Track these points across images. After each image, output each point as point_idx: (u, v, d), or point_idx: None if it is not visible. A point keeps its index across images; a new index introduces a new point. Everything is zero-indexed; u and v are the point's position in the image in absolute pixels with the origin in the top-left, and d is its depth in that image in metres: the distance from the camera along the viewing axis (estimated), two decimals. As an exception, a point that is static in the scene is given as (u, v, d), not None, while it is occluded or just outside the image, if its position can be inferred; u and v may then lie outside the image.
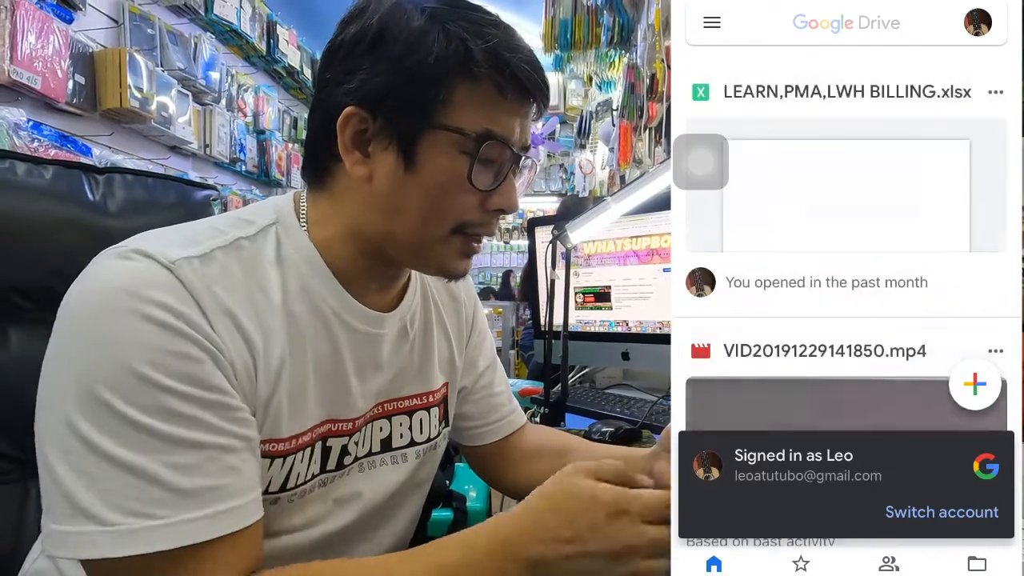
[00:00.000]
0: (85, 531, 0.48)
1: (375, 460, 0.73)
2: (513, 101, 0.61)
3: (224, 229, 0.61)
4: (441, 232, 0.63)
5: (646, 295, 1.50)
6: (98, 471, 0.49)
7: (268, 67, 4.82)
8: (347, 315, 0.66)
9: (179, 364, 0.52)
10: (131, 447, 0.49)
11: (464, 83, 0.59)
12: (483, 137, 0.59)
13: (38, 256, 0.84)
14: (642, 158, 3.23)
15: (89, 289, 0.54)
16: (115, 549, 0.48)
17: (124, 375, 0.50)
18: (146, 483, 0.49)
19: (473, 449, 0.91)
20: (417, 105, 0.59)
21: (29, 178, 0.84)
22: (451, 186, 0.61)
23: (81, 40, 2.87)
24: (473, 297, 0.90)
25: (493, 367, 0.92)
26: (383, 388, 0.72)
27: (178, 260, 0.55)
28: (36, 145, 2.47)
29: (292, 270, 0.63)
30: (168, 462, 0.50)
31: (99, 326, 0.51)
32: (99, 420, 0.49)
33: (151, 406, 0.50)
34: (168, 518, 0.49)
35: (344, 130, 0.61)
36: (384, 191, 0.62)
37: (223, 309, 0.56)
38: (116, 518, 0.48)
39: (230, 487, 0.53)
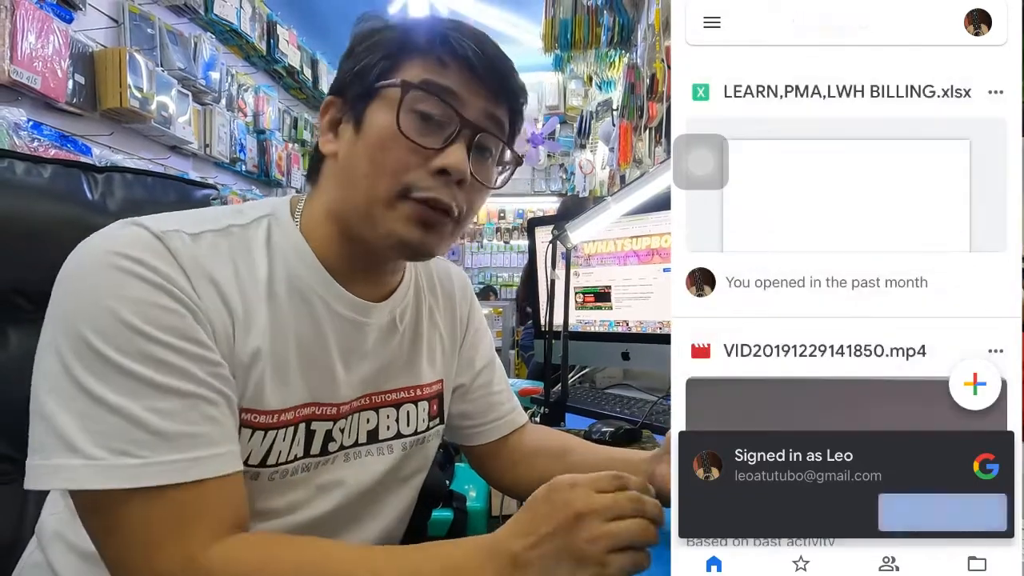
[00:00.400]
0: (72, 464, 0.52)
1: (360, 451, 0.74)
2: (455, 69, 0.64)
3: (220, 218, 0.65)
4: (385, 193, 0.63)
5: (646, 295, 1.50)
6: (88, 411, 0.52)
7: (268, 67, 4.82)
8: (332, 301, 0.68)
9: (163, 316, 0.55)
10: (118, 391, 0.53)
11: (407, 55, 0.64)
12: (411, 85, 0.63)
13: (37, 256, 0.83)
14: (642, 158, 3.23)
15: (85, 249, 0.58)
16: (98, 481, 0.51)
17: (112, 323, 0.54)
18: (131, 425, 0.52)
19: (473, 448, 0.91)
20: (366, 77, 0.65)
21: (28, 177, 0.84)
22: (387, 141, 0.63)
23: (81, 40, 2.87)
24: (469, 296, 0.91)
25: (491, 366, 0.91)
26: (369, 379, 0.73)
27: (169, 231, 0.59)
28: (36, 145, 2.48)
29: (279, 256, 0.66)
30: (151, 407, 0.53)
31: (90, 279, 0.56)
32: (90, 364, 0.53)
33: (136, 353, 0.54)
34: (148, 458, 0.52)
35: (323, 117, 0.69)
36: (343, 162, 0.66)
37: (206, 276, 0.60)
38: (101, 454, 0.52)
39: (209, 435, 0.56)
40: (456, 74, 0.64)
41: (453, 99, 0.64)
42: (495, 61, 0.66)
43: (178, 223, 0.61)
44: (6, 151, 0.84)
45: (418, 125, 0.63)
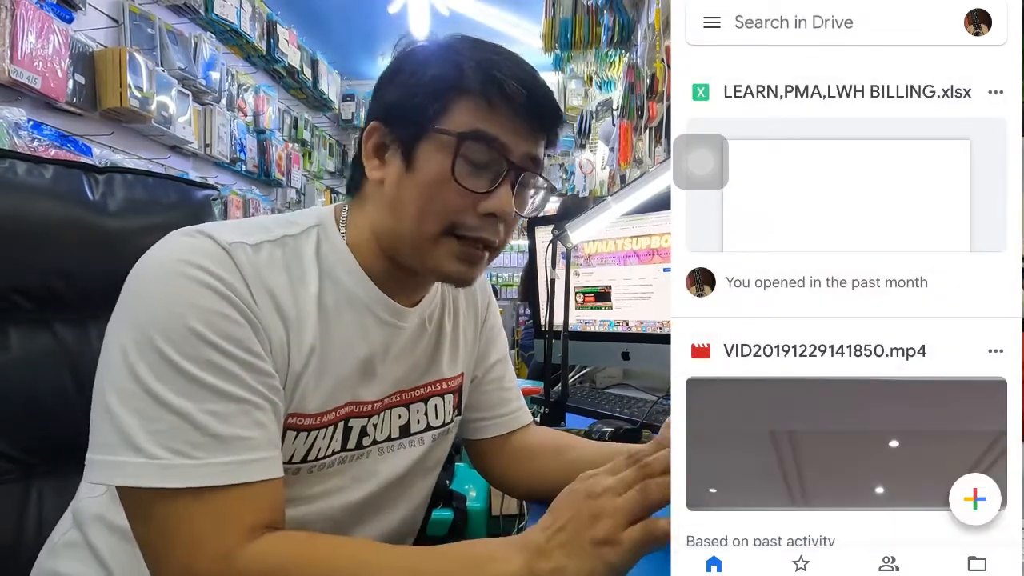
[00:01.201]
0: (133, 462, 0.55)
1: (394, 444, 0.78)
2: (503, 112, 0.66)
3: (272, 227, 0.69)
4: (433, 231, 0.67)
5: (646, 295, 1.50)
6: (151, 411, 0.55)
7: (268, 67, 4.82)
8: (374, 306, 0.72)
9: (225, 325, 0.59)
10: (179, 393, 0.56)
11: (458, 95, 0.66)
12: (466, 136, 0.65)
13: (38, 256, 0.84)
14: (642, 158, 3.22)
15: (157, 256, 0.62)
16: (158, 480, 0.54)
17: (179, 329, 0.57)
18: (189, 426, 0.56)
19: (476, 443, 0.92)
20: (418, 114, 0.67)
21: (29, 178, 0.84)
22: (439, 184, 0.66)
23: (81, 40, 2.87)
24: (488, 293, 0.95)
25: (504, 362, 0.95)
26: (401, 377, 0.77)
27: (234, 243, 0.63)
28: (36, 145, 2.48)
29: (328, 266, 0.70)
30: (209, 410, 0.56)
31: (160, 285, 0.59)
32: (155, 367, 0.56)
33: (199, 358, 0.57)
34: (203, 459, 0.55)
35: (367, 141, 0.71)
36: (391, 192, 0.69)
37: (266, 289, 0.63)
38: (160, 453, 0.55)
39: (257, 440, 0.59)
40: (505, 118, 0.67)
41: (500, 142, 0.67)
42: (541, 101, 0.68)
43: (239, 235, 0.64)
44: (8, 151, 0.84)
45: (468, 169, 0.66)
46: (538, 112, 0.68)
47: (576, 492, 0.54)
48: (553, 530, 0.53)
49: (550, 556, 0.52)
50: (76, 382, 0.85)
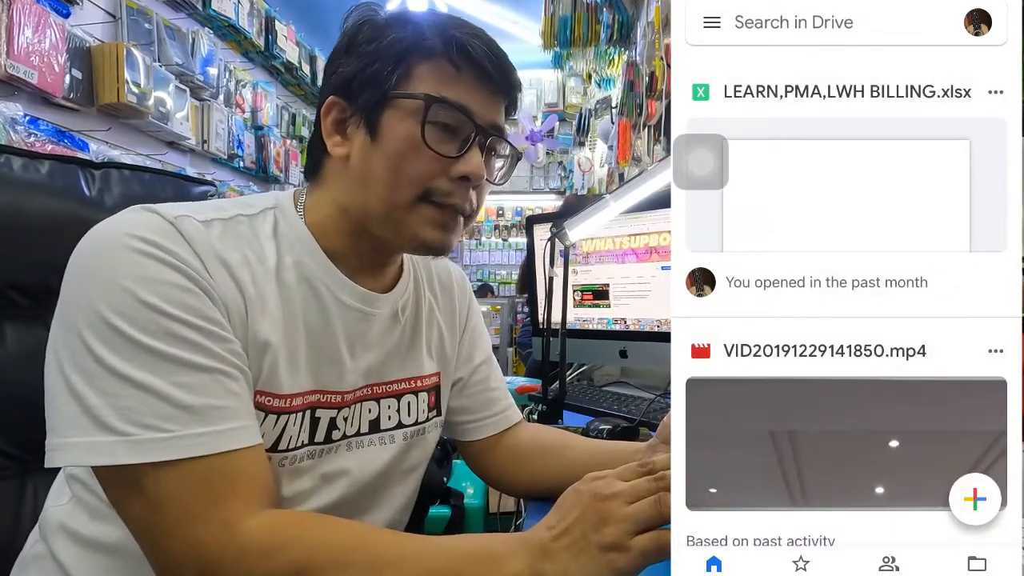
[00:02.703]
0: (103, 440, 0.53)
1: (363, 440, 0.75)
2: (468, 75, 0.66)
3: (226, 207, 0.67)
4: (406, 198, 0.66)
5: (644, 293, 1.50)
6: (116, 389, 0.54)
7: (266, 63, 4.81)
8: (339, 291, 0.70)
9: (179, 295, 0.57)
10: (143, 368, 0.54)
11: (419, 60, 0.66)
12: (432, 99, 0.64)
13: (34, 252, 0.83)
14: (641, 156, 3.22)
15: (99, 232, 0.60)
16: (132, 456, 0.53)
17: (131, 302, 0.55)
18: (157, 400, 0.54)
19: (469, 444, 0.91)
20: (378, 82, 0.66)
21: (25, 173, 0.84)
22: (408, 151, 0.65)
23: (78, 35, 2.86)
24: (468, 293, 0.92)
25: (489, 363, 0.93)
26: (373, 369, 0.75)
27: (180, 216, 0.61)
28: (33, 140, 2.47)
29: (286, 245, 0.68)
30: (176, 381, 0.55)
31: (107, 260, 0.57)
32: (113, 344, 0.54)
33: (157, 330, 0.55)
34: (177, 431, 0.54)
35: (327, 117, 0.69)
36: (357, 166, 0.67)
37: (218, 258, 0.61)
38: (131, 429, 0.53)
39: (232, 408, 0.58)
40: (469, 81, 0.66)
41: (468, 108, 0.66)
42: (503, 66, 0.68)
43: (188, 211, 0.62)
44: (3, 147, 0.83)
45: (437, 135, 0.65)
46: (501, 77, 0.68)
47: (582, 493, 0.54)
48: (559, 531, 0.52)
49: (555, 557, 0.51)
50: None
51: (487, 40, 0.68)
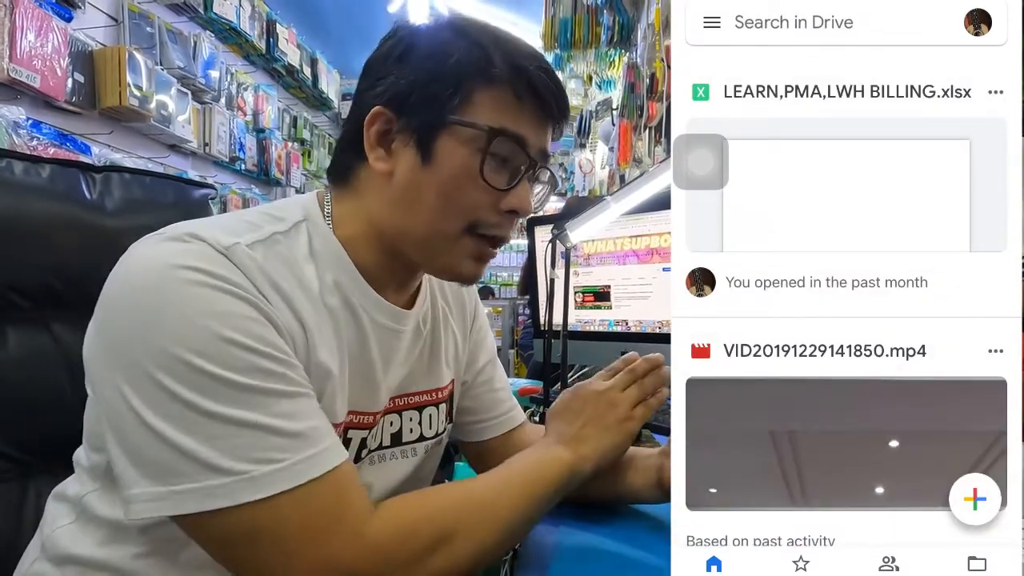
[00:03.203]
0: (220, 483, 0.51)
1: (385, 454, 0.75)
2: (529, 107, 0.64)
3: (258, 224, 0.64)
4: (453, 229, 0.65)
5: (645, 294, 1.50)
6: (217, 431, 0.52)
7: (267, 65, 4.82)
8: (373, 310, 0.69)
9: (255, 327, 0.56)
10: (239, 405, 0.53)
11: (482, 85, 0.63)
12: (495, 133, 0.62)
13: (36, 255, 0.83)
14: (642, 157, 3.22)
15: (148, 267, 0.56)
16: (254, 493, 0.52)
17: (210, 340, 0.53)
18: (265, 433, 0.53)
19: (473, 445, 0.91)
20: (437, 103, 0.63)
21: (27, 177, 0.84)
22: (463, 181, 0.63)
23: (80, 38, 2.86)
24: (474, 295, 0.92)
25: (493, 363, 0.93)
26: (397, 384, 0.74)
27: (231, 246, 0.58)
28: (35, 143, 2.47)
29: (324, 264, 0.66)
30: (275, 412, 0.54)
31: (174, 298, 0.54)
32: (198, 385, 0.52)
33: (243, 366, 0.54)
34: (291, 458, 0.54)
35: (371, 128, 0.65)
36: (402, 186, 0.65)
37: (273, 286, 0.59)
38: (247, 467, 0.52)
39: (325, 427, 0.58)
40: (529, 112, 0.64)
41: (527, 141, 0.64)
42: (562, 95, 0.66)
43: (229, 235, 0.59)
44: (5, 151, 0.84)
45: (494, 167, 0.63)
46: (559, 109, 0.66)
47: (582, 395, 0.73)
48: (580, 423, 0.71)
49: (587, 440, 0.70)
50: (73, 381, 0.84)
51: (550, 71, 0.65)
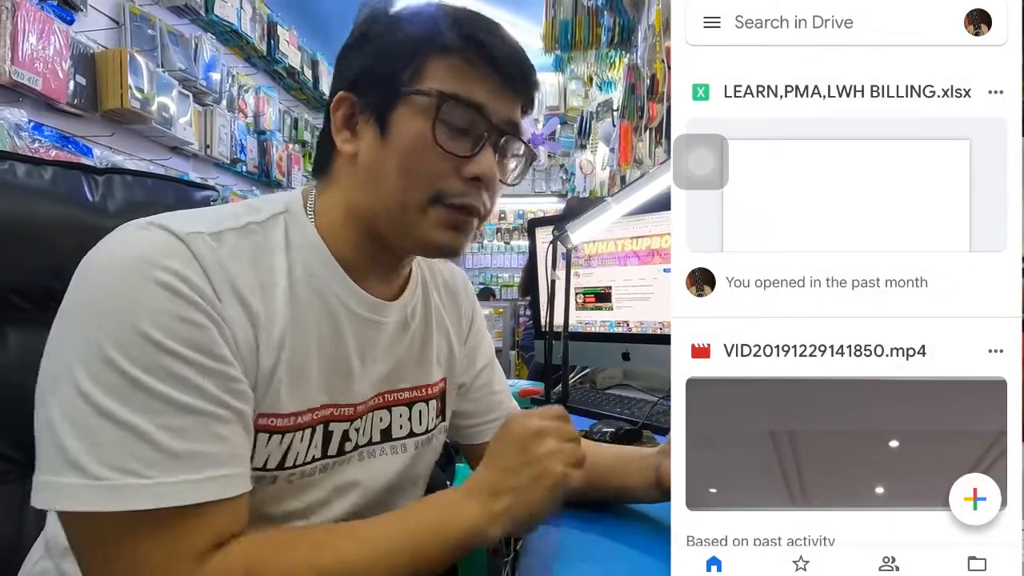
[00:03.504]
0: (69, 483, 0.49)
1: (375, 449, 0.74)
2: (485, 73, 0.64)
3: (237, 214, 0.64)
4: (417, 200, 0.64)
5: (646, 295, 1.50)
6: (93, 425, 0.50)
7: (269, 68, 4.82)
8: (350, 301, 0.68)
9: (185, 329, 0.54)
10: (128, 405, 0.51)
11: (434, 56, 0.63)
12: (445, 97, 0.62)
13: (37, 257, 0.84)
14: (643, 158, 3.23)
15: (107, 253, 0.56)
16: (94, 503, 0.49)
17: (130, 335, 0.51)
18: (138, 441, 0.50)
19: (473, 448, 0.91)
20: (391, 77, 0.64)
21: (29, 179, 0.84)
22: (421, 150, 0.63)
23: (82, 41, 2.87)
24: (471, 296, 0.91)
25: (492, 366, 0.92)
26: (383, 378, 0.73)
27: (192, 233, 0.58)
28: (37, 146, 2.48)
29: (298, 256, 0.66)
30: (161, 423, 0.51)
31: (111, 288, 0.53)
32: (101, 376, 0.51)
33: (153, 366, 0.52)
34: (155, 478, 0.50)
35: (336, 113, 0.66)
36: (366, 165, 0.65)
37: (230, 283, 0.58)
38: (103, 472, 0.49)
39: (217, 455, 0.54)
40: (485, 78, 0.64)
41: (484, 106, 0.64)
42: (520, 63, 0.66)
43: (199, 224, 0.59)
44: (7, 153, 0.84)
45: (449, 133, 0.63)
46: (518, 74, 0.65)
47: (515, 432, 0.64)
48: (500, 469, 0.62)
49: (504, 496, 0.61)
50: (76, 383, 0.85)
51: (505, 36, 0.65)
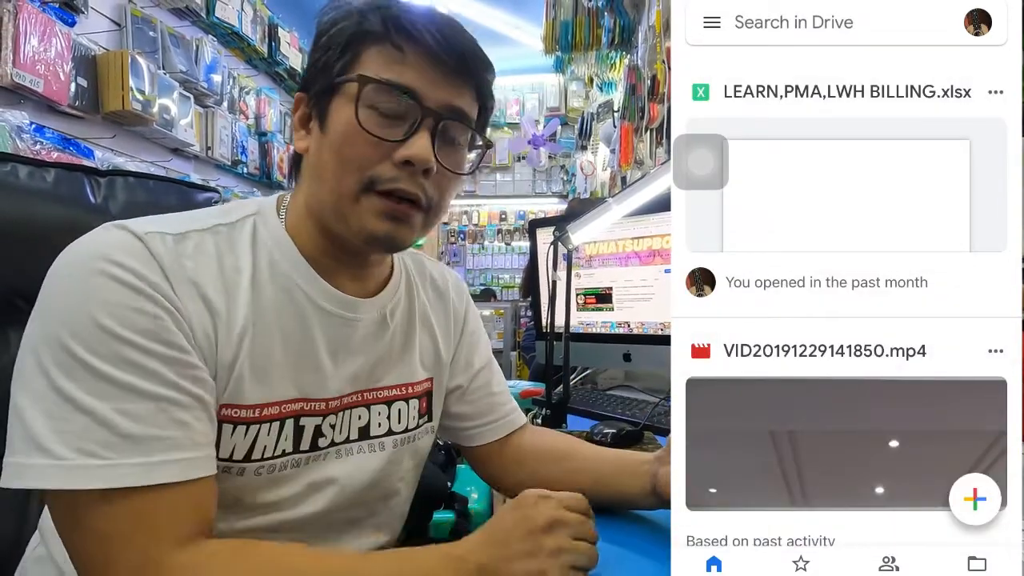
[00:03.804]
0: (38, 464, 0.52)
1: (352, 447, 0.74)
2: (416, 58, 0.63)
3: (205, 217, 0.66)
4: (350, 188, 0.64)
5: (647, 296, 1.50)
6: (57, 410, 0.53)
7: (270, 69, 4.83)
8: (318, 297, 0.68)
9: (138, 319, 0.56)
10: (89, 392, 0.53)
11: (365, 46, 0.64)
12: (365, 80, 0.62)
13: (39, 259, 0.83)
14: (643, 159, 3.23)
15: (70, 252, 0.59)
16: (63, 481, 0.52)
17: (88, 326, 0.54)
18: (98, 425, 0.53)
19: (473, 450, 0.90)
20: (326, 71, 0.65)
21: (31, 181, 0.84)
22: (350, 136, 0.63)
23: (83, 43, 2.87)
24: (464, 297, 0.91)
25: (489, 367, 0.91)
26: (360, 375, 0.73)
27: (151, 232, 0.60)
28: (38, 148, 2.48)
29: (264, 253, 0.67)
30: (120, 409, 0.54)
31: (70, 282, 0.57)
32: (64, 365, 0.53)
33: (110, 355, 0.54)
34: (112, 459, 0.52)
35: (295, 114, 0.69)
36: (312, 158, 0.67)
37: (187, 278, 0.60)
38: (67, 454, 0.52)
39: (176, 440, 0.56)
40: (415, 62, 0.63)
41: (412, 89, 0.63)
42: (455, 43, 0.64)
43: (163, 225, 0.61)
44: (9, 155, 0.84)
45: (379, 119, 0.63)
46: (453, 57, 0.64)
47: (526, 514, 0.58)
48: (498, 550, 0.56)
49: None
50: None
51: (435, 18, 0.65)
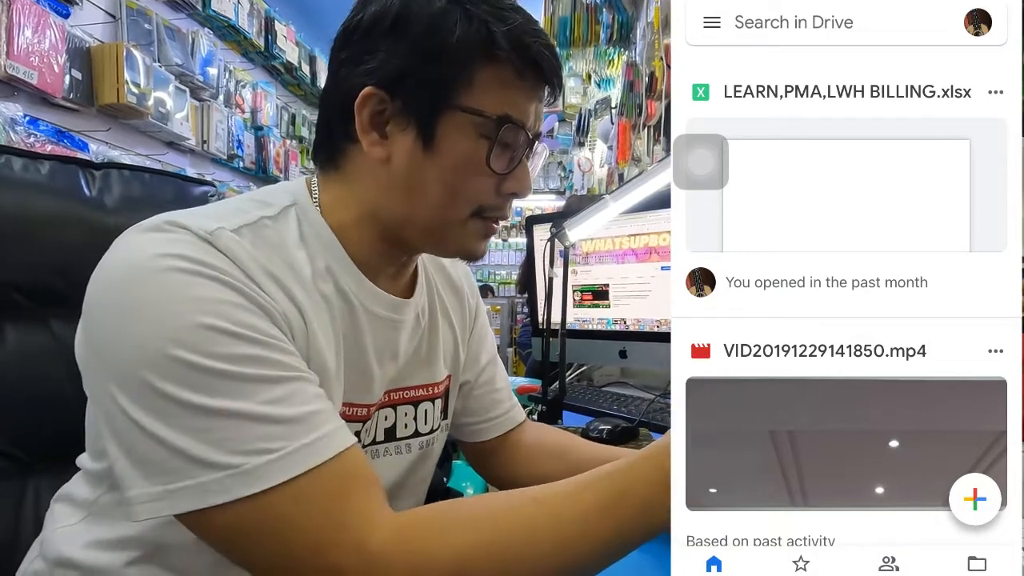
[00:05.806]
0: (212, 478, 0.48)
1: (378, 449, 0.73)
2: (531, 85, 0.62)
3: (245, 208, 0.61)
4: (460, 215, 0.64)
5: (644, 293, 1.50)
6: (203, 424, 0.49)
7: (266, 63, 4.81)
8: (368, 300, 0.67)
9: (236, 312, 0.52)
10: (224, 395, 0.49)
11: (485, 65, 0.60)
12: (503, 121, 0.60)
13: (35, 252, 0.83)
14: (641, 156, 3.22)
15: (127, 259, 0.53)
16: (248, 487, 0.48)
17: (192, 330, 0.50)
18: (254, 423, 0.49)
19: (473, 445, 0.90)
20: (437, 86, 0.60)
21: (26, 174, 0.84)
22: (470, 169, 0.61)
23: (78, 35, 2.86)
24: (475, 291, 0.91)
25: (494, 363, 0.92)
26: (394, 377, 0.72)
27: (214, 231, 0.55)
28: (33, 140, 2.47)
29: (315, 251, 0.63)
30: (265, 399, 0.50)
31: (151, 289, 0.51)
32: (181, 378, 0.49)
33: (227, 354, 0.50)
34: (286, 447, 0.49)
35: (362, 111, 0.61)
36: (402, 173, 0.62)
37: (266, 272, 0.56)
38: (238, 460, 0.48)
39: (326, 411, 0.53)
40: (529, 91, 0.63)
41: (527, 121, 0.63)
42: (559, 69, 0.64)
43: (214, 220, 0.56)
44: (4, 147, 0.83)
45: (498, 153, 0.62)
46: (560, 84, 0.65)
47: None
48: None
49: None
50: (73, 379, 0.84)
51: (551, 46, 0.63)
